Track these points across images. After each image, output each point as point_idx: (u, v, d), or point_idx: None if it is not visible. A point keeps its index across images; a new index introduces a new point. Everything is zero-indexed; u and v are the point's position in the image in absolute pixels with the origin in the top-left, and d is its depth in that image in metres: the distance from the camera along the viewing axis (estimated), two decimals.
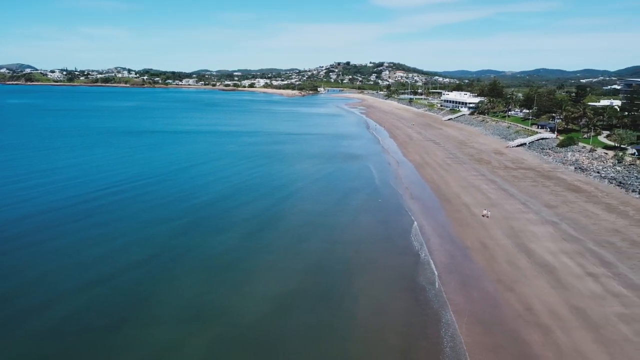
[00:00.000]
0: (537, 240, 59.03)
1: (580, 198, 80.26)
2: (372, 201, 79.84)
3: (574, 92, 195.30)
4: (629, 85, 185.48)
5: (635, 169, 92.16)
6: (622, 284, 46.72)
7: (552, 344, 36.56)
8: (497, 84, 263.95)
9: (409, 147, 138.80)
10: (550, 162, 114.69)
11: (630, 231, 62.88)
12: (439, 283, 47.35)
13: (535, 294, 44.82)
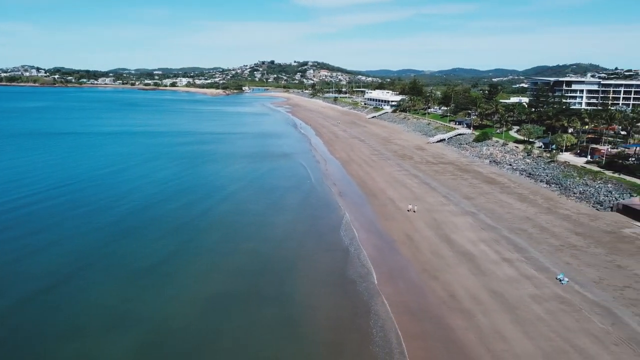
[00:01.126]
0: (458, 231, 62.15)
1: (496, 189, 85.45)
2: (301, 199, 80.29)
3: (487, 90, 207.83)
4: (535, 84, 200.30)
5: (542, 161, 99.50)
6: (533, 267, 50.34)
7: (474, 327, 38.69)
8: (417, 83, 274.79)
9: (335, 145, 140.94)
10: (468, 156, 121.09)
11: (540, 218, 67.86)
12: (368, 276, 48.53)
13: (457, 281, 47.19)
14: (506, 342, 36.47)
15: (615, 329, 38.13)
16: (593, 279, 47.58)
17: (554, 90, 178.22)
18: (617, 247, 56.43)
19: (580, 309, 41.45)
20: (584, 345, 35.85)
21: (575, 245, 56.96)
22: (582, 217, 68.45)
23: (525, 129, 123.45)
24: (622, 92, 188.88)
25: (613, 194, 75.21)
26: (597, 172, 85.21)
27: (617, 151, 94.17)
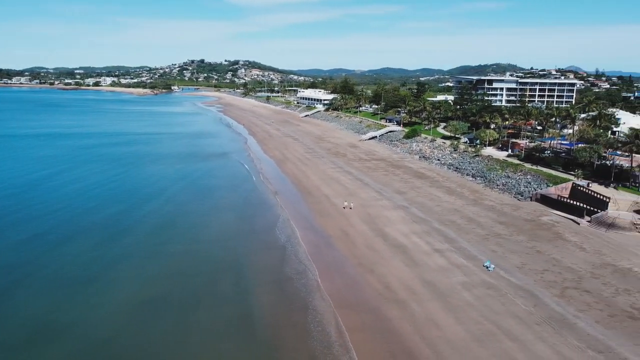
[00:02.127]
0: (391, 224, 63.84)
1: (425, 183, 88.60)
2: (236, 198, 79.26)
3: (415, 88, 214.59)
4: (459, 83, 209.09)
5: (467, 156, 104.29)
6: (462, 256, 52.72)
7: (409, 316, 39.95)
8: (348, 82, 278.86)
9: (269, 144, 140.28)
10: (399, 153, 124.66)
11: (467, 210, 71.14)
12: (307, 272, 48.75)
13: (392, 273, 48.50)
14: (439, 328, 37.95)
15: (537, 310, 40.74)
16: (516, 264, 50.56)
17: (477, 89, 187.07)
18: (537, 234, 60.29)
19: (506, 293, 43.90)
20: (509, 327, 38.01)
21: (499, 234, 60.24)
22: (505, 207, 72.48)
23: (452, 125, 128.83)
24: (538, 90, 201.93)
25: (532, 185, 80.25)
26: (517, 165, 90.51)
27: (535, 145, 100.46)
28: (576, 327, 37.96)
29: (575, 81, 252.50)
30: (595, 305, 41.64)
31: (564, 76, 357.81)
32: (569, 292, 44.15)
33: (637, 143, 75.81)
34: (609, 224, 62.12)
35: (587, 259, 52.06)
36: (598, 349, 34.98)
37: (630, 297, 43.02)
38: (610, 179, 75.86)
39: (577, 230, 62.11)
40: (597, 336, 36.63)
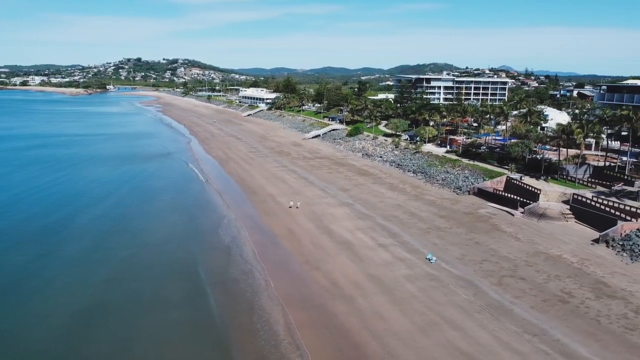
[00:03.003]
0: (336, 221, 64.44)
1: (369, 180, 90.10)
2: (179, 200, 77.35)
3: (357, 87, 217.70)
4: (399, 81, 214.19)
5: (408, 152, 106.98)
6: (406, 250, 54.03)
7: (355, 311, 40.46)
8: (291, 81, 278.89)
9: (211, 144, 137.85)
10: (342, 151, 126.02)
11: (409, 205, 73.00)
12: (252, 272, 48.30)
13: (338, 269, 48.96)
14: (385, 321, 38.69)
15: (477, 299, 42.42)
16: (457, 256, 52.40)
17: (416, 87, 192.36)
18: (475, 226, 62.77)
19: (448, 283, 45.40)
20: (452, 316, 39.34)
21: (440, 227, 62.22)
22: (445, 202, 74.95)
23: (393, 123, 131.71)
24: (473, 88, 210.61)
25: (469, 179, 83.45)
26: (455, 161, 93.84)
27: (471, 141, 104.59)
28: (513, 313, 39.84)
29: (507, 80, 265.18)
30: (530, 291, 43.87)
31: (497, 75, 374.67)
32: (506, 280, 46.28)
33: (563, 138, 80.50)
34: (540, 215, 65.62)
35: (521, 248, 54.77)
36: (533, 332, 36.87)
37: (560, 282, 45.64)
38: (541, 172, 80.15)
39: (512, 221, 65.20)
40: (532, 320, 38.61)
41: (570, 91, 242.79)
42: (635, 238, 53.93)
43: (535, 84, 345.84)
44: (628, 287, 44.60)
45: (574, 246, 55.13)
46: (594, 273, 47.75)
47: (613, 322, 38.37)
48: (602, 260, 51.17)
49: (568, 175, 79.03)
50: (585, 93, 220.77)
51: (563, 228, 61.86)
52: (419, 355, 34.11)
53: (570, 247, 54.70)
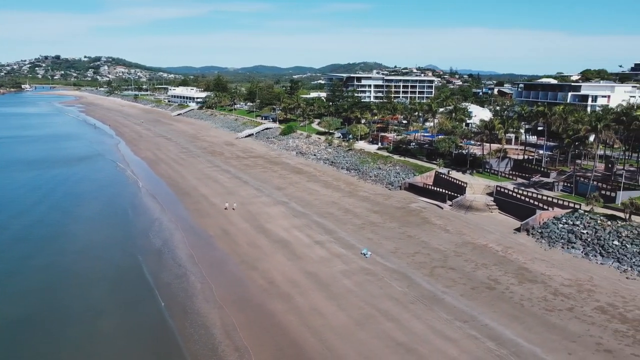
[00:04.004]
0: (272, 220, 64.16)
1: (303, 178, 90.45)
2: (106, 204, 73.86)
3: (289, 86, 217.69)
4: (330, 80, 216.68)
5: (342, 150, 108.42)
6: (341, 246, 54.78)
7: (293, 308, 40.51)
8: (222, 79, 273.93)
9: (139, 145, 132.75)
10: (276, 149, 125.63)
11: (344, 201, 74.04)
12: (186, 275, 47.05)
13: (275, 268, 48.78)
14: (323, 317, 39.03)
15: (411, 290, 43.79)
16: (390, 249, 53.81)
17: (347, 86, 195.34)
18: (407, 220, 64.75)
19: (383, 277, 46.52)
20: (387, 308, 40.35)
21: (374, 222, 63.62)
22: (378, 197, 76.71)
23: (325, 121, 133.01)
24: (402, 86, 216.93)
25: (401, 175, 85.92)
26: (387, 157, 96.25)
27: (401, 138, 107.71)
28: (444, 302, 41.50)
29: (434, 78, 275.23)
30: (460, 280, 45.88)
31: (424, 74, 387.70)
32: (437, 270, 48.11)
33: (486, 133, 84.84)
34: (467, 207, 68.78)
35: (450, 239, 57.15)
36: (463, 319, 38.60)
37: (487, 270, 48.09)
38: (467, 166, 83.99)
39: (441, 214, 67.86)
40: (462, 308, 40.40)
41: (492, 89, 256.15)
42: (552, 225, 57.85)
43: (459, 82, 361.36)
44: (547, 271, 47.76)
45: (498, 235, 58.27)
46: (517, 260, 50.72)
47: (534, 305, 40.95)
48: (524, 247, 54.47)
49: (491, 168, 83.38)
50: (504, 91, 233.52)
51: (488, 219, 65.17)
52: (357, 348, 34.71)
53: (495, 237, 57.76)
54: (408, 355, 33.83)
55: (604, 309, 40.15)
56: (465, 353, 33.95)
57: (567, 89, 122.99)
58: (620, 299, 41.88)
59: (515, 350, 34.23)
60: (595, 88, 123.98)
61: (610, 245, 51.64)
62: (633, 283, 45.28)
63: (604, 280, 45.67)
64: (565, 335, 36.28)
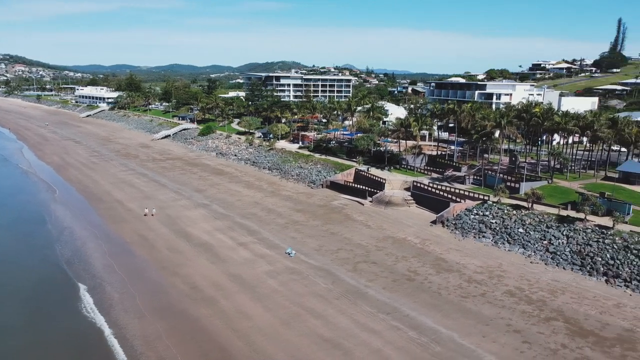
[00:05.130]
0: (193, 224, 62.48)
1: (225, 179, 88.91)
2: (8, 214, 68.12)
3: (207, 85, 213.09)
4: (249, 79, 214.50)
5: (263, 150, 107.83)
6: (266, 246, 54.53)
7: (219, 312, 39.75)
8: (134, 79, 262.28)
9: (45, 149, 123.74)
10: (195, 151, 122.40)
11: (266, 201, 73.71)
12: (101, 286, 44.59)
13: (198, 272, 47.58)
14: (249, 319, 38.66)
15: (335, 286, 44.54)
16: (314, 247, 54.38)
17: (266, 85, 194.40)
18: (330, 218, 65.74)
19: (307, 275, 46.90)
20: (313, 306, 40.76)
21: (297, 221, 63.95)
22: (300, 196, 77.17)
23: (245, 121, 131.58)
24: (320, 85, 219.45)
25: (322, 173, 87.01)
26: (308, 156, 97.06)
27: (321, 136, 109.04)
28: (368, 296, 42.64)
29: (351, 78, 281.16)
30: (382, 273, 47.35)
31: (342, 73, 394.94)
32: (360, 265, 49.32)
33: (402, 130, 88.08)
34: (386, 202, 71.08)
35: (372, 234, 58.80)
36: (386, 311, 39.89)
37: (407, 263, 50.02)
38: (385, 163, 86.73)
39: (362, 210, 69.60)
40: (385, 300, 41.73)
41: (406, 88, 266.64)
42: (465, 217, 61.32)
43: (375, 81, 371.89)
44: (461, 260, 50.57)
45: (416, 229, 60.79)
46: (434, 251, 53.23)
47: (451, 293, 43.21)
48: (440, 239, 57.28)
49: (408, 164, 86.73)
50: (418, 89, 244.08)
51: (406, 213, 67.77)
52: (284, 348, 34.76)
53: (413, 230, 60.20)
54: (334, 350, 34.40)
55: (512, 293, 43.20)
56: (389, 344, 35.12)
57: (474, 88, 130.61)
58: (526, 282, 45.29)
59: (435, 337, 35.92)
60: (499, 87, 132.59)
61: (516, 233, 55.65)
62: (536, 267, 49.13)
63: (512, 266, 49.16)
64: (479, 319, 38.61)
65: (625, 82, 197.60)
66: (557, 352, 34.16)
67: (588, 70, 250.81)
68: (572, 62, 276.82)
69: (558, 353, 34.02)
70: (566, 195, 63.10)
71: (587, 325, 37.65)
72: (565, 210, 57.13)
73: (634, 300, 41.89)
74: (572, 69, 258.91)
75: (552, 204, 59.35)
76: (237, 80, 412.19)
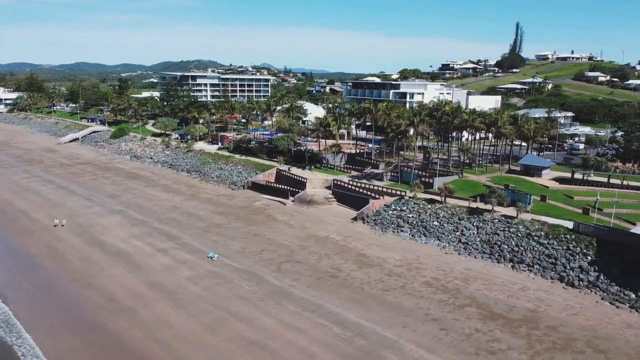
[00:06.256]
0: (107, 232, 59.42)
1: (140, 184, 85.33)
2: None
3: (118, 85, 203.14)
4: (164, 79, 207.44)
5: (180, 152, 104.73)
6: (186, 251, 53.10)
7: (138, 323, 38.15)
8: (36, 78, 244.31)
9: None
10: (107, 154, 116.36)
11: (186, 205, 71.74)
12: (4, 305, 41.18)
13: (114, 282, 45.36)
14: (171, 327, 37.48)
15: (260, 287, 44.35)
16: (237, 249, 53.78)
17: (182, 85, 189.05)
18: (252, 219, 65.28)
19: (231, 278, 46.30)
20: (237, 309, 40.32)
21: (219, 224, 62.88)
22: (221, 198, 75.90)
23: (161, 122, 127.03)
24: (238, 85, 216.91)
25: (243, 174, 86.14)
26: (228, 157, 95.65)
27: (241, 137, 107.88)
28: (293, 295, 42.90)
29: (269, 77, 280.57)
30: (305, 272, 47.82)
31: (260, 72, 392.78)
32: (284, 265, 49.47)
33: (321, 130, 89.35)
34: (308, 201, 71.80)
35: (295, 234, 59.16)
36: (311, 309, 40.37)
37: (330, 260, 50.90)
38: (306, 162, 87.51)
39: (285, 210, 69.80)
40: (309, 299, 42.20)
41: (324, 87, 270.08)
42: (384, 212, 63.44)
43: (294, 80, 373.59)
44: (382, 255, 52.30)
45: (338, 226, 62.00)
46: (356, 247, 54.61)
47: (373, 287, 44.58)
48: (361, 235, 58.84)
49: (328, 163, 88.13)
50: (335, 89, 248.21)
51: (328, 211, 68.89)
52: (209, 354, 34.10)
53: (335, 228, 61.34)
54: (261, 352, 34.28)
55: (429, 283, 45.39)
56: (315, 341, 35.58)
57: (389, 87, 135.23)
58: (442, 272, 47.76)
59: (359, 332, 36.91)
60: (412, 86, 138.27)
61: (431, 226, 58.47)
62: (450, 257, 51.96)
63: (428, 257, 51.61)
64: (400, 311, 40.18)
65: (524, 81, 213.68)
66: (471, 336, 36.38)
67: (491, 70, 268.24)
68: (477, 63, 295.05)
69: (472, 337, 36.24)
70: (475, 188, 67.21)
71: (497, 309, 40.44)
72: (475, 203, 60.89)
73: (537, 283, 45.58)
74: (477, 69, 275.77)
75: (463, 197, 62.99)
76: (151, 80, 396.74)
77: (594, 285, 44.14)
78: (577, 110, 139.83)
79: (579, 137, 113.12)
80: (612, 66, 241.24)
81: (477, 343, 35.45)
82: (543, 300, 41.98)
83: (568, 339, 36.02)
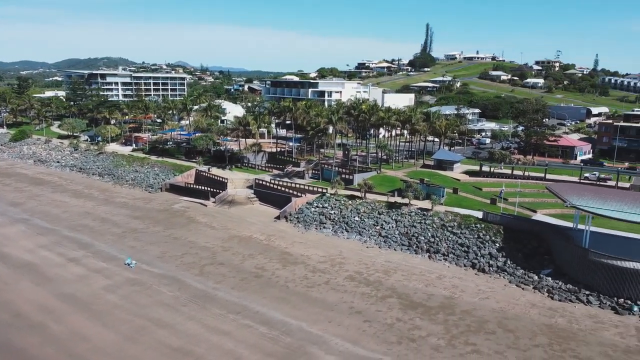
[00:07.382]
0: (10, 243, 54.98)
1: (47, 190, 79.73)
2: None
3: (17, 84, 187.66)
4: (70, 77, 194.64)
5: (91, 154, 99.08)
6: (101, 259, 50.41)
7: (50, 338, 35.69)
8: None
9: None
10: (6, 159, 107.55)
11: (99, 210, 68.04)
12: None
13: (21, 297, 42.09)
14: (87, 340, 35.46)
15: (182, 292, 43.12)
16: (157, 254, 51.89)
17: (90, 84, 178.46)
18: (172, 222, 63.25)
19: (151, 285, 44.60)
20: (159, 316, 38.93)
21: (136, 229, 60.28)
22: (138, 202, 72.78)
23: (68, 123, 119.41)
24: (152, 84, 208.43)
25: (160, 176, 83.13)
26: (143, 158, 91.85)
27: (157, 137, 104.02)
28: (217, 298, 42.15)
29: (185, 75, 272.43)
30: (229, 274, 47.16)
31: (175, 71, 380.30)
32: (207, 268, 48.46)
33: (241, 129, 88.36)
34: (230, 202, 70.77)
35: (217, 235, 58.11)
36: (236, 310, 39.90)
37: (254, 260, 50.57)
38: (226, 162, 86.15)
39: (206, 211, 68.31)
40: (234, 300, 41.68)
41: (242, 86, 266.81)
42: (306, 210, 64.02)
43: (211, 79, 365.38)
44: (305, 252, 52.78)
45: (261, 226, 61.70)
46: (279, 246, 54.67)
47: (298, 285, 44.89)
48: (284, 233, 58.98)
49: (249, 162, 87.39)
50: (254, 87, 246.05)
51: (250, 211, 68.34)
52: None
53: (258, 227, 60.99)
54: (185, 358, 33.38)
55: (352, 277, 46.49)
56: (241, 342, 35.24)
57: (307, 86, 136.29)
58: (364, 266, 49.10)
59: (285, 330, 37.04)
60: (330, 85, 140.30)
61: (352, 222, 59.86)
62: (372, 251, 53.55)
63: (351, 252, 52.83)
64: (325, 306, 40.81)
65: (435, 79, 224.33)
66: (393, 326, 37.77)
67: (405, 69, 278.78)
68: (391, 62, 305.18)
69: (394, 327, 37.64)
70: (393, 183, 69.71)
71: (416, 298, 42.29)
72: (393, 197, 63.18)
73: (452, 271, 48.19)
74: (391, 68, 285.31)
75: (382, 192, 65.12)
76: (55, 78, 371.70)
77: (502, 269, 47.49)
78: (483, 107, 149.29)
79: (485, 132, 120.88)
80: (512, 66, 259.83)
81: (399, 332, 36.88)
82: (458, 287, 44.48)
83: (481, 321, 38.47)
